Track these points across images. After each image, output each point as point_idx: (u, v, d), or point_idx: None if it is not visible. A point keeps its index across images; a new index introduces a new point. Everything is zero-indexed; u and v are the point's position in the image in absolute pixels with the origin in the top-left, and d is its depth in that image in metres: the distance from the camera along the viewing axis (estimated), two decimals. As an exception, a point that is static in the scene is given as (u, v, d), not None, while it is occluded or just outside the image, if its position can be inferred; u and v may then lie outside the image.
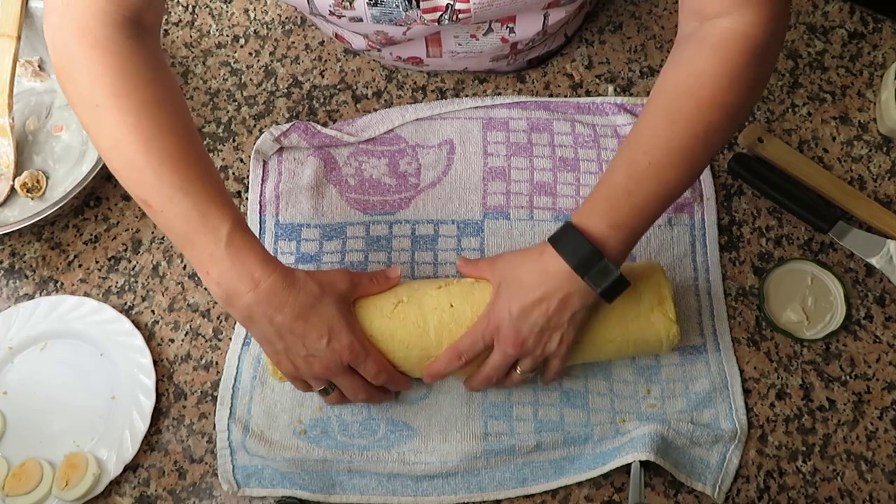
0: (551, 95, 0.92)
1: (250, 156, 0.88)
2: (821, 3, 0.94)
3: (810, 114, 0.90)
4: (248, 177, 0.88)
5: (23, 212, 0.88)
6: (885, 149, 0.88)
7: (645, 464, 0.72)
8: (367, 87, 0.93)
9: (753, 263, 0.84)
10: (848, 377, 0.79)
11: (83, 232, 0.88)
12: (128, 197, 0.89)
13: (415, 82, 0.93)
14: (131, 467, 0.78)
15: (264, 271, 0.64)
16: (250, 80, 0.94)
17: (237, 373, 0.80)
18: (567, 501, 0.76)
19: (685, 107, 0.64)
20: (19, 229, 0.81)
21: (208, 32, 0.97)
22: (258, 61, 0.95)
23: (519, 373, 0.71)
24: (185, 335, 0.83)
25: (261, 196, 0.87)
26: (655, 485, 0.76)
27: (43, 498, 0.76)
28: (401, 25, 0.79)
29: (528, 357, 0.69)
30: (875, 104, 0.90)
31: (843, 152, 0.88)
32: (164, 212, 0.64)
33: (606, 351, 0.73)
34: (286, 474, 0.76)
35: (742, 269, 0.83)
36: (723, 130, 0.65)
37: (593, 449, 0.76)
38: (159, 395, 0.80)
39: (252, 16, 0.97)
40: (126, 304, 0.84)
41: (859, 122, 0.89)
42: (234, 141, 0.91)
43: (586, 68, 0.93)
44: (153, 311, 0.84)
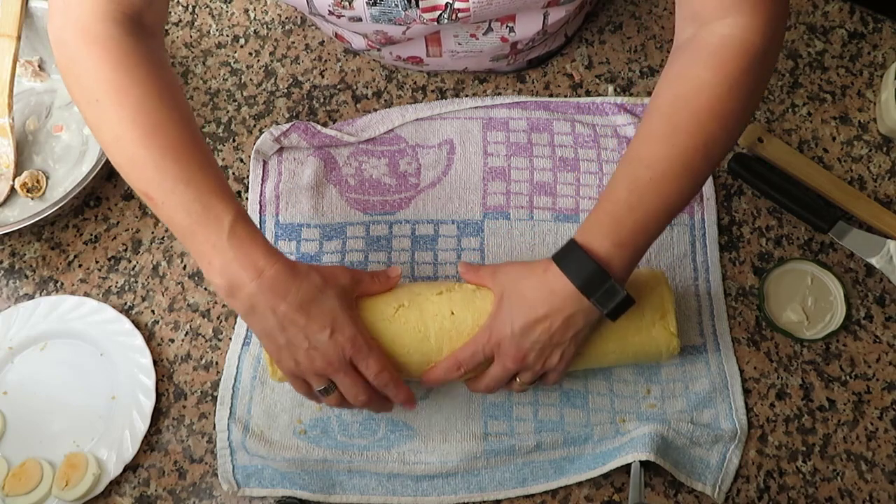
0: (551, 95, 0.92)
1: (250, 156, 0.88)
2: (821, 3, 0.94)
3: (810, 114, 0.90)
4: (248, 177, 0.88)
5: (23, 212, 0.88)
6: (885, 149, 0.88)
7: (645, 464, 0.72)
8: (367, 87, 0.93)
9: (753, 263, 0.84)
10: (848, 377, 0.79)
11: (83, 232, 0.88)
12: (128, 197, 0.89)
13: (415, 82, 0.93)
14: (131, 467, 0.78)
15: (268, 261, 0.64)
16: (250, 80, 0.94)
17: (237, 373, 0.80)
18: (567, 501, 0.76)
19: (684, 117, 0.63)
20: (19, 229, 0.81)
21: (208, 32, 0.97)
22: (258, 61, 0.95)
23: (518, 383, 0.71)
24: (185, 335, 0.83)
25: (261, 196, 0.87)
26: (655, 485, 0.76)
27: (43, 498, 0.76)
28: (400, 25, 0.79)
29: (527, 371, 0.69)
30: (875, 104, 0.90)
31: (843, 152, 0.88)
32: (166, 204, 0.64)
33: (605, 361, 0.74)
34: (286, 474, 0.76)
35: (742, 269, 0.83)
36: (723, 140, 0.64)
37: (593, 449, 0.76)
38: (159, 395, 0.80)
39: (252, 16, 0.97)
40: (126, 304, 0.84)
41: (859, 122, 0.89)
42: (234, 141, 0.91)
43: (586, 68, 0.93)
44: (153, 311, 0.84)
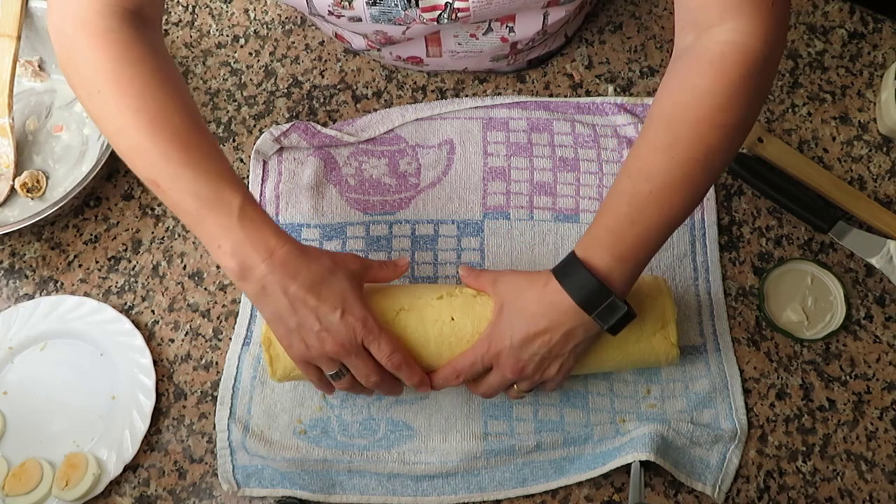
0: (551, 95, 0.92)
1: (250, 156, 0.88)
2: (821, 3, 0.94)
3: (810, 114, 0.90)
4: (248, 177, 0.88)
5: (23, 212, 0.88)
6: (885, 149, 0.88)
7: (645, 464, 0.72)
8: (367, 87, 0.93)
9: (753, 263, 0.84)
10: (848, 377, 0.79)
11: (83, 232, 0.88)
12: (128, 197, 0.89)
13: (415, 82, 0.93)
14: (131, 467, 0.78)
15: (278, 241, 0.64)
16: (250, 80, 0.94)
17: (237, 373, 0.80)
18: (567, 501, 0.76)
19: (684, 128, 0.62)
20: (19, 229, 0.81)
21: (208, 32, 0.97)
22: (258, 61, 0.95)
23: (515, 391, 0.71)
24: (185, 335, 0.83)
25: (261, 196, 0.87)
26: (655, 485, 0.76)
27: (43, 498, 0.76)
28: (400, 25, 0.79)
29: (525, 381, 0.69)
30: (875, 104, 0.90)
31: (843, 152, 0.88)
32: (174, 189, 0.64)
33: (604, 368, 0.74)
34: (286, 474, 0.76)
35: (742, 269, 0.83)
36: (724, 150, 0.63)
37: (593, 449, 0.76)
38: (159, 395, 0.80)
39: (252, 16, 0.97)
40: (126, 304, 0.84)
41: (859, 122, 0.89)
42: (234, 141, 0.91)
43: (586, 68, 0.93)
44: (153, 311, 0.84)
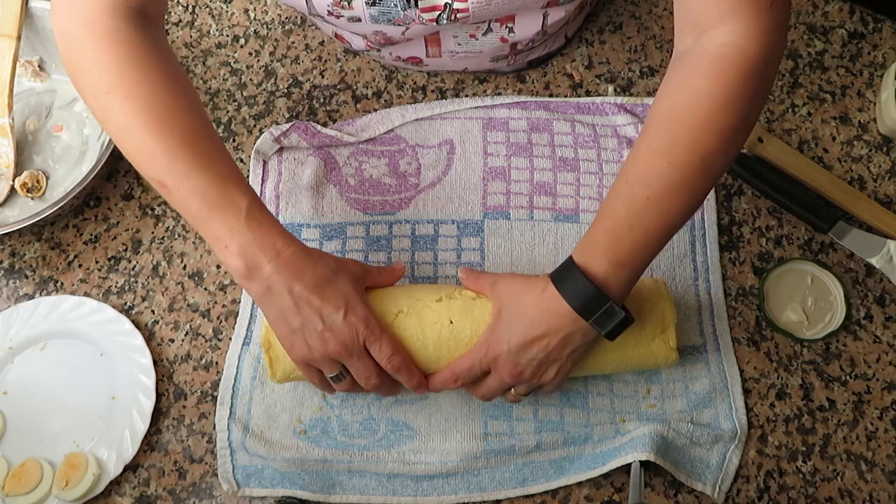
0: (551, 95, 0.92)
1: (250, 156, 0.88)
2: (821, 3, 0.94)
3: (810, 114, 0.90)
4: (248, 177, 0.88)
5: (23, 212, 0.88)
6: (885, 149, 0.88)
7: (645, 464, 0.72)
8: (367, 87, 0.93)
9: (753, 263, 0.84)
10: (848, 377, 0.79)
11: (83, 232, 0.88)
12: (128, 197, 0.89)
13: (415, 82, 0.93)
14: (131, 467, 0.78)
15: (285, 242, 0.65)
16: (250, 80, 0.94)
17: (237, 373, 0.80)
18: (567, 501, 0.76)
19: (681, 131, 0.62)
20: (19, 229, 0.81)
21: (208, 32, 0.97)
22: (258, 61, 0.95)
23: (512, 394, 0.72)
24: (185, 335, 0.83)
25: (261, 196, 0.87)
26: (655, 485, 0.76)
27: (43, 498, 0.76)
28: (399, 25, 0.79)
29: (523, 384, 0.70)
30: (875, 104, 0.90)
31: (843, 152, 0.88)
32: (181, 190, 0.64)
33: (603, 371, 0.75)
34: (286, 474, 0.76)
35: (742, 269, 0.83)
36: (722, 153, 0.62)
37: (593, 449, 0.76)
38: (159, 395, 0.80)
39: (252, 16, 0.97)
40: (126, 304, 0.84)
41: (859, 122, 0.89)
42: (234, 141, 0.91)
43: (586, 68, 0.93)
44: (153, 311, 0.84)
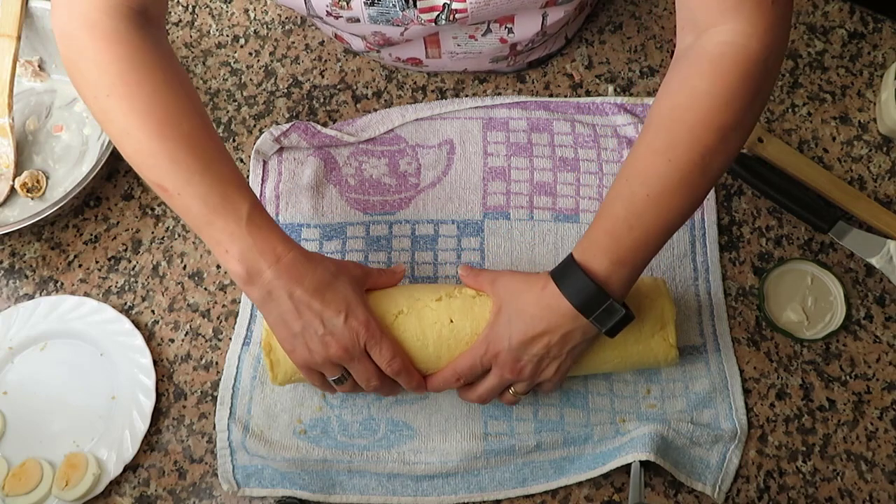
0: (551, 95, 0.92)
1: (250, 156, 0.88)
2: (821, 3, 0.94)
3: (810, 114, 0.90)
4: (248, 177, 0.88)
5: (23, 212, 0.88)
6: (885, 149, 0.88)
7: (645, 464, 0.72)
8: (367, 87, 0.93)
9: (753, 263, 0.84)
10: (848, 377, 0.79)
11: (83, 232, 0.88)
12: (128, 197, 0.89)
13: (415, 82, 0.93)
14: (131, 467, 0.78)
15: (285, 247, 0.65)
16: (250, 80, 0.94)
17: (237, 373, 0.80)
18: (567, 501, 0.76)
19: (681, 131, 0.61)
20: (19, 229, 0.81)
21: (208, 32, 0.97)
22: (258, 61, 0.95)
23: (512, 393, 0.71)
24: (185, 335, 0.83)
25: (261, 196, 0.87)
26: (655, 485, 0.76)
27: (43, 498, 0.76)
28: (398, 26, 0.79)
29: (522, 382, 0.70)
30: (875, 104, 0.90)
31: (843, 152, 0.88)
32: (182, 195, 0.64)
33: (603, 369, 0.74)
34: (286, 474, 0.76)
35: (742, 269, 0.83)
36: (722, 153, 0.62)
37: (593, 449, 0.76)
38: (159, 395, 0.80)
39: (252, 16, 0.97)
40: (126, 304, 0.84)
41: (859, 122, 0.89)
42: (234, 141, 0.91)
43: (586, 68, 0.93)
44: (153, 311, 0.84)
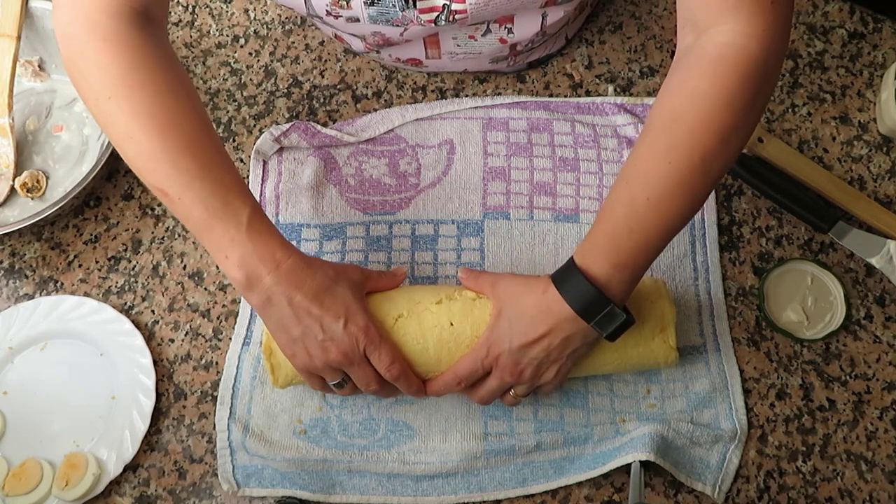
0: (551, 95, 0.92)
1: (250, 156, 0.88)
2: (821, 3, 0.94)
3: (810, 114, 0.90)
4: (248, 177, 0.88)
5: (23, 212, 0.88)
6: (885, 149, 0.88)
7: (645, 464, 0.72)
8: (367, 87, 0.93)
9: (753, 263, 0.84)
10: (848, 377, 0.79)
11: (83, 232, 0.88)
12: (128, 197, 0.89)
13: (415, 82, 0.93)
14: (131, 467, 0.78)
15: (284, 253, 0.65)
16: (250, 80, 0.94)
17: (237, 373, 0.80)
18: (567, 501, 0.76)
19: (680, 133, 0.61)
20: (19, 229, 0.81)
21: (208, 32, 0.97)
22: (258, 61, 0.95)
23: (511, 396, 0.72)
24: (185, 335, 0.83)
25: (261, 196, 0.87)
26: (655, 485, 0.76)
27: (43, 498, 0.76)
28: (398, 26, 0.79)
29: (523, 384, 0.70)
30: (875, 104, 0.90)
31: (843, 152, 0.88)
32: (183, 199, 0.64)
33: (603, 370, 0.74)
34: (286, 474, 0.76)
35: (742, 269, 0.83)
36: (722, 155, 0.62)
37: (593, 449, 0.76)
38: (159, 395, 0.80)
39: (252, 16, 0.97)
40: (126, 304, 0.84)
41: (859, 122, 0.89)
42: (234, 141, 0.91)
43: (586, 68, 0.93)
44: (153, 311, 0.84)
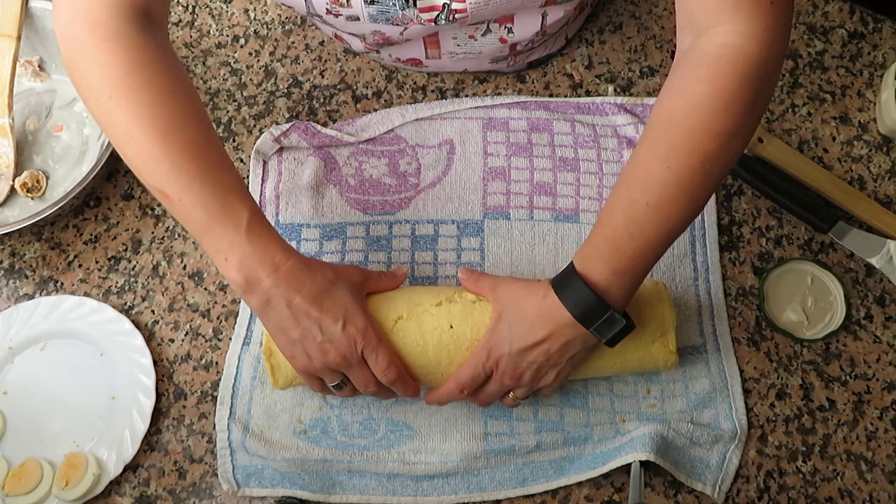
0: (551, 95, 0.92)
1: (250, 156, 0.88)
2: (821, 3, 0.94)
3: (810, 114, 0.90)
4: (248, 177, 0.88)
5: (23, 212, 0.88)
6: (885, 149, 0.88)
7: (645, 464, 0.72)
8: (367, 87, 0.93)
9: (753, 263, 0.84)
10: (848, 377, 0.79)
11: (83, 232, 0.88)
12: (128, 197, 0.89)
13: (415, 82, 0.93)
14: (131, 467, 0.78)
15: (284, 255, 0.65)
16: (250, 80, 0.94)
17: (237, 373, 0.80)
18: (567, 501, 0.76)
19: (680, 135, 0.61)
20: (19, 229, 0.81)
21: (208, 32, 0.97)
22: (258, 61, 0.95)
23: (510, 398, 0.72)
24: (185, 335, 0.83)
25: (261, 196, 0.87)
26: (655, 485, 0.76)
27: (43, 498, 0.76)
28: (398, 25, 0.79)
29: (522, 388, 0.70)
30: (875, 104, 0.90)
31: (843, 152, 0.88)
32: (183, 201, 0.64)
33: (602, 374, 0.75)
34: (286, 474, 0.76)
35: (742, 269, 0.83)
36: (722, 157, 0.61)
37: (593, 449, 0.76)
38: (159, 395, 0.80)
39: (252, 16, 0.97)
40: (126, 304, 0.84)
41: (859, 122, 0.89)
42: (234, 141, 0.91)
43: (586, 68, 0.93)
44: (153, 311, 0.84)
